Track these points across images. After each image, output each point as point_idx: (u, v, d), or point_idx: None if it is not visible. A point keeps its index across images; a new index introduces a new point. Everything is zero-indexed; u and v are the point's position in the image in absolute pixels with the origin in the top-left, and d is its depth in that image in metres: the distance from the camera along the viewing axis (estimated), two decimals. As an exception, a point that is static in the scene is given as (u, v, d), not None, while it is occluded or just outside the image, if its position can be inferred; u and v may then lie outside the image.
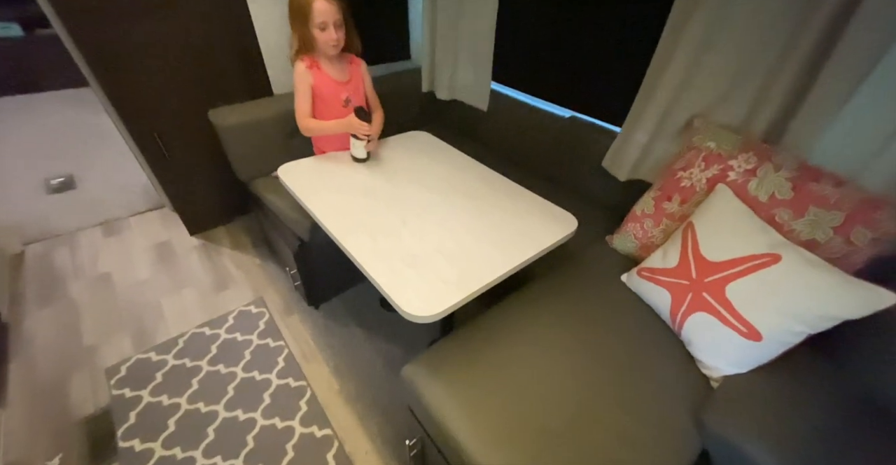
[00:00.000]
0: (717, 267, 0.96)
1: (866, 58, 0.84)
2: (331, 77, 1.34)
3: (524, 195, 1.25)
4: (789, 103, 1.00)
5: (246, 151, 1.61)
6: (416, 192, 1.24)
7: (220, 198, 2.04)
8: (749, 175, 1.01)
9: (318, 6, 1.16)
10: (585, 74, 1.52)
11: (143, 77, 1.56)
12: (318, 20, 1.19)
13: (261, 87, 1.74)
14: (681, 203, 1.15)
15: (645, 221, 1.25)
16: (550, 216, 1.16)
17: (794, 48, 0.93)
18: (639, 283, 1.16)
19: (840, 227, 0.89)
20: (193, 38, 1.58)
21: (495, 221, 1.12)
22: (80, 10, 1.36)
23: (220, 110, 1.55)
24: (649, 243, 1.25)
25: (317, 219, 1.11)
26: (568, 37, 1.51)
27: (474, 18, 1.68)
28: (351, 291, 1.84)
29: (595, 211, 1.52)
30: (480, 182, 1.31)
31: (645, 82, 1.25)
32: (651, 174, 1.36)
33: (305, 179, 1.26)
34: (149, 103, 1.62)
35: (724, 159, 1.06)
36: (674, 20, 1.11)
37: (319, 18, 1.19)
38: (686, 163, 1.14)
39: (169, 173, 1.83)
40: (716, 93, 1.12)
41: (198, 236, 2.10)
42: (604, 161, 1.47)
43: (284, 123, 1.66)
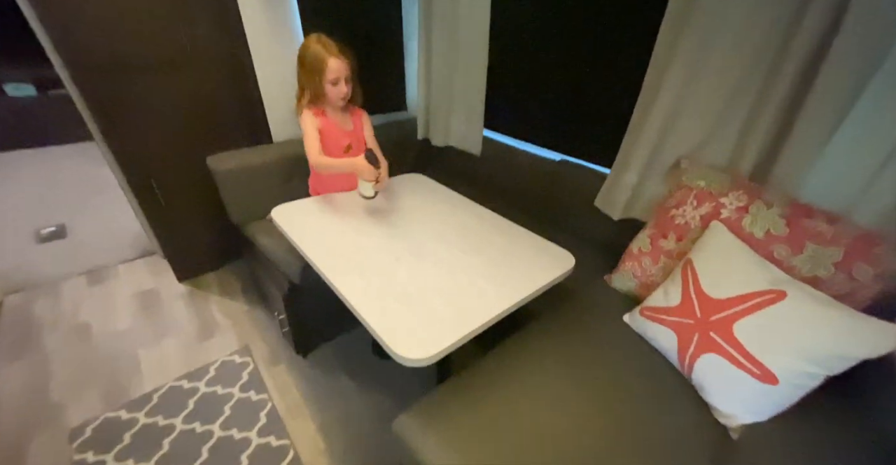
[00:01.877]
0: (721, 305, 0.92)
1: (841, 100, 0.88)
2: (335, 125, 1.40)
3: (519, 233, 1.24)
4: (772, 145, 1.04)
5: (241, 194, 1.62)
6: (411, 230, 1.23)
7: (212, 243, 2.02)
8: (742, 212, 1.02)
9: (332, 63, 1.24)
10: (573, 120, 1.60)
11: (144, 127, 1.61)
12: (332, 76, 1.26)
13: (261, 135, 1.80)
14: (677, 240, 1.15)
15: (643, 259, 1.24)
16: (547, 254, 1.14)
17: (770, 93, 0.99)
18: (642, 323, 1.12)
19: (840, 263, 0.88)
20: (197, 90, 1.66)
21: (491, 259, 1.10)
22: (90, 68, 1.43)
23: (218, 156, 1.58)
24: (649, 281, 1.22)
25: (308, 258, 1.09)
26: (555, 85, 1.61)
27: (467, 73, 1.80)
28: (342, 337, 1.75)
29: (591, 250, 1.51)
30: (475, 220, 1.31)
31: (630, 126, 1.31)
32: (644, 213, 1.37)
33: (298, 219, 1.25)
34: (148, 152, 1.65)
35: (716, 197, 1.07)
36: (654, 68, 1.18)
37: (332, 75, 1.26)
38: (678, 201, 1.15)
39: (163, 220, 1.82)
40: (699, 135, 1.17)
41: (186, 282, 2.05)
42: (596, 201, 1.49)
43: (282, 168, 1.69)
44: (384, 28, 1.97)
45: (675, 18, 1.08)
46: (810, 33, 0.88)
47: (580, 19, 1.42)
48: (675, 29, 1.09)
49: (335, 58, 1.24)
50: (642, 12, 1.23)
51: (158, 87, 1.58)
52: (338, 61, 1.24)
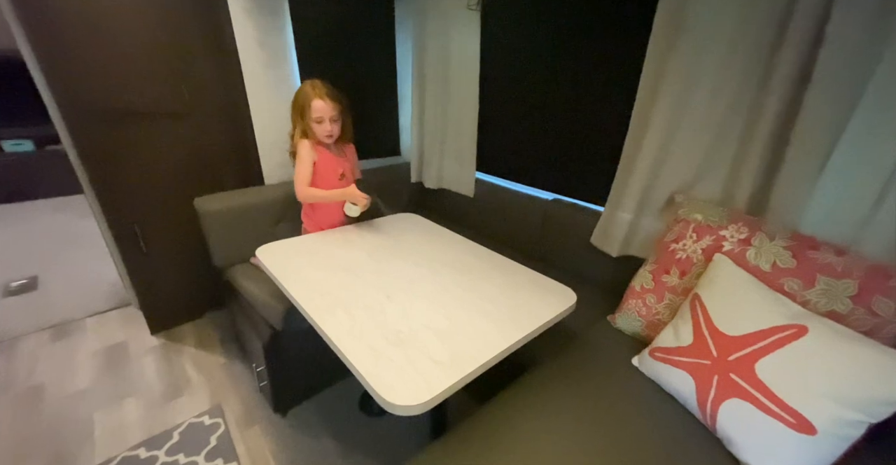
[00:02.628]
0: (738, 342, 0.85)
1: (827, 129, 0.90)
2: (331, 155, 1.47)
3: (517, 269, 1.19)
4: (764, 178, 1.04)
5: (227, 236, 1.56)
6: (402, 267, 1.17)
7: (192, 292, 1.91)
8: (744, 245, 0.99)
9: (316, 104, 1.33)
10: (564, 159, 1.63)
11: (134, 174, 1.59)
12: (316, 115, 1.35)
13: (253, 177, 1.80)
14: (680, 276, 1.10)
15: (646, 296, 1.18)
16: (546, 290, 1.08)
17: (756, 126, 1.02)
18: (653, 366, 1.03)
19: (857, 296, 0.83)
20: (193, 137, 1.68)
21: (488, 296, 1.03)
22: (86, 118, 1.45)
23: (205, 198, 1.55)
24: (655, 320, 1.15)
25: (289, 295, 1.01)
26: (545, 127, 1.66)
27: (458, 119, 1.87)
28: (326, 392, 1.59)
29: (591, 289, 1.45)
30: (470, 257, 1.26)
31: (621, 164, 1.33)
32: (642, 250, 1.34)
33: (283, 257, 1.19)
34: (135, 198, 1.62)
35: (716, 230, 1.05)
36: (640, 108, 1.23)
37: (317, 114, 1.34)
38: (677, 235, 1.13)
39: (142, 267, 1.73)
40: (691, 171, 1.18)
41: (160, 334, 1.90)
42: (592, 238, 1.46)
43: (272, 210, 1.66)
44: (380, 80, 2.08)
45: (656, 60, 1.15)
46: (790, 64, 0.93)
47: (567, 62, 1.50)
48: (656, 70, 1.15)
49: (320, 99, 1.33)
50: (625, 55, 1.30)
51: (154, 135, 1.60)
52: (322, 102, 1.33)
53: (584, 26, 1.41)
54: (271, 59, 1.66)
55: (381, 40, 1.99)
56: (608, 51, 1.36)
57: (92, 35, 1.38)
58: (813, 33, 0.89)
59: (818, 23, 0.87)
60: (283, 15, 1.64)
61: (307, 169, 1.38)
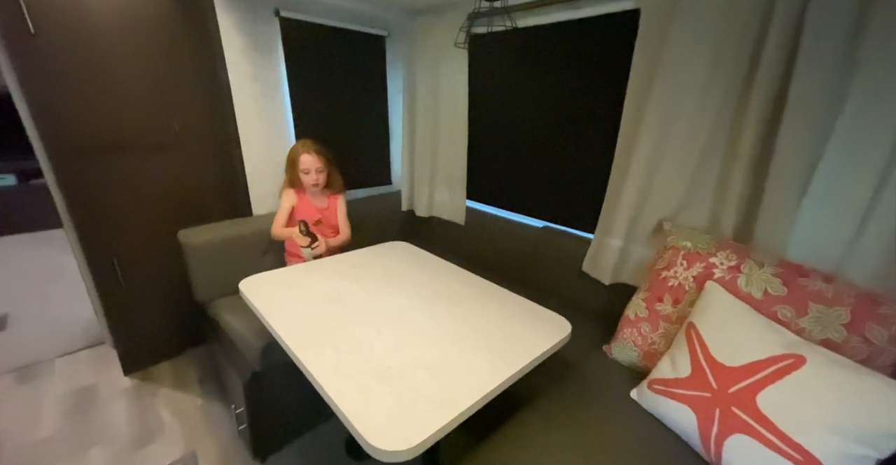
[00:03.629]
0: (737, 373, 0.83)
1: (803, 157, 0.93)
2: (310, 202, 1.66)
3: (509, 298, 1.16)
4: (747, 205, 1.07)
5: (211, 269, 1.52)
6: (393, 297, 1.13)
7: (172, 328, 1.82)
8: (735, 272, 0.99)
9: (304, 158, 1.57)
10: (553, 188, 1.66)
11: (117, 207, 1.56)
12: (303, 167, 1.58)
13: (241, 208, 1.78)
14: (674, 303, 1.09)
15: (641, 325, 1.16)
16: (541, 320, 1.05)
17: (735, 155, 1.05)
18: (653, 399, 0.99)
19: (850, 324, 0.83)
20: (180, 170, 1.66)
21: (481, 327, 1.00)
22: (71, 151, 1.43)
23: (190, 231, 1.52)
24: (651, 350, 1.12)
25: (271, 329, 0.96)
26: (534, 156, 1.70)
27: (449, 148, 1.91)
28: (310, 435, 1.49)
29: (584, 317, 1.43)
30: (462, 286, 1.23)
31: (608, 193, 1.35)
32: (634, 277, 1.33)
33: (268, 289, 1.15)
34: (116, 231, 1.58)
35: (705, 257, 1.05)
36: (623, 139, 1.27)
37: (304, 166, 1.58)
38: (668, 263, 1.13)
39: (119, 302, 1.65)
40: (676, 199, 1.20)
41: (134, 375, 1.79)
42: (584, 266, 1.46)
43: (259, 241, 1.63)
44: (371, 111, 2.12)
45: (636, 94, 1.20)
46: (762, 97, 0.97)
47: (553, 95, 1.56)
48: (637, 104, 1.20)
49: (307, 153, 1.57)
50: (608, 89, 1.36)
51: (140, 168, 1.58)
52: (308, 156, 1.56)
53: (568, 62, 1.48)
54: (263, 93, 1.69)
55: (372, 75, 2.06)
56: (592, 85, 1.43)
57: (82, 70, 1.39)
58: (783, 68, 0.94)
59: (787, 59, 0.93)
60: (276, 52, 1.69)
61: (284, 214, 1.61)
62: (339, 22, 1.82)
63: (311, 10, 1.72)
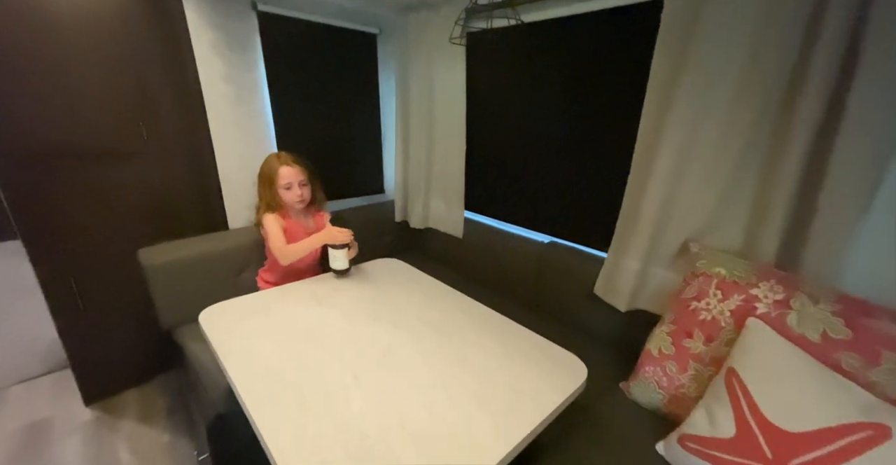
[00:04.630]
0: (799, 442, 0.67)
1: (868, 166, 0.78)
2: (298, 223, 1.43)
3: (513, 331, 1.01)
4: (794, 225, 0.90)
5: (178, 292, 1.35)
6: (379, 331, 0.97)
7: (140, 352, 1.65)
8: (782, 307, 0.83)
9: (283, 171, 1.34)
10: (560, 199, 1.49)
11: (76, 220, 1.39)
12: (283, 182, 1.34)
13: (216, 222, 1.62)
14: (706, 341, 0.93)
15: (666, 364, 1.00)
16: (552, 361, 0.90)
17: (777, 172, 0.89)
18: (685, 459, 0.83)
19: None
20: (148, 180, 1.50)
21: (481, 372, 0.84)
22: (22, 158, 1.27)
23: (153, 249, 1.35)
24: (679, 394, 0.96)
25: (228, 378, 0.80)
26: (537, 165, 1.54)
27: (445, 157, 1.76)
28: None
29: (595, 346, 1.28)
30: (459, 314, 1.08)
31: (624, 208, 1.20)
32: (653, 304, 1.17)
33: (232, 322, 0.99)
34: (73, 246, 1.41)
35: (744, 288, 0.89)
36: (641, 148, 1.11)
37: (284, 180, 1.34)
38: (697, 292, 0.97)
39: (78, 325, 1.49)
40: (703, 218, 1.04)
41: (95, 405, 1.61)
42: (596, 288, 1.30)
43: (235, 258, 1.47)
44: (362, 116, 1.97)
45: (657, 95, 1.04)
46: (816, 98, 0.81)
47: (561, 96, 1.40)
48: (658, 106, 1.05)
49: (286, 166, 1.34)
50: (624, 90, 1.21)
51: (102, 177, 1.41)
52: (289, 168, 1.34)
53: (578, 60, 1.32)
54: (238, 96, 1.53)
55: (362, 76, 1.91)
56: (606, 86, 1.27)
57: (34, 67, 1.23)
58: (840, 69, 0.78)
59: (846, 57, 0.77)
60: (253, 50, 1.53)
61: (280, 236, 1.32)
62: (326, 18, 1.67)
63: (293, 4, 1.56)
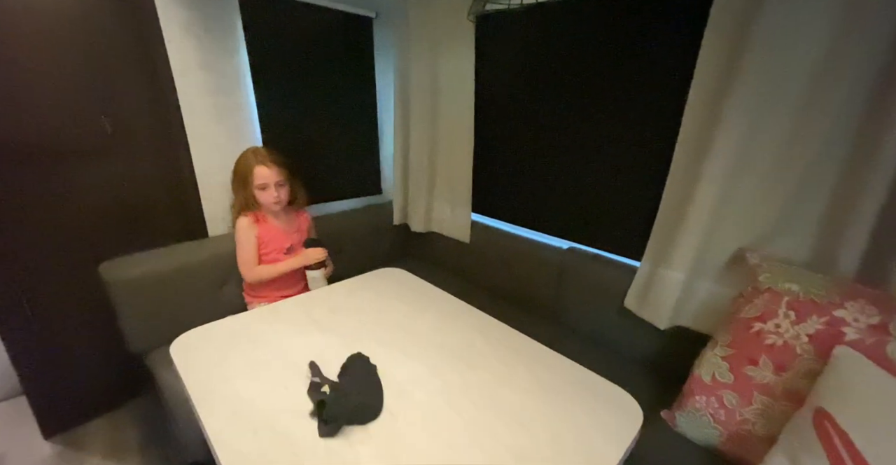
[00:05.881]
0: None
1: None
2: (276, 227, 1.33)
3: (545, 359, 0.86)
4: (877, 233, 0.77)
5: (148, 312, 1.18)
6: (387, 362, 0.81)
7: (107, 377, 1.45)
8: (880, 334, 0.69)
9: (258, 170, 1.24)
10: (582, 200, 1.33)
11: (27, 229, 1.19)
12: (259, 182, 1.25)
13: (193, 229, 1.43)
14: (776, 370, 0.79)
15: (723, 394, 0.85)
16: (597, 399, 0.75)
17: (862, 172, 0.75)
18: (764, 518, 0.69)
19: None
20: (115, 180, 1.31)
21: (517, 415, 0.69)
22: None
23: (117, 262, 1.16)
24: (743, 432, 0.82)
25: (205, 431, 0.63)
26: (556, 162, 1.38)
27: (450, 154, 1.60)
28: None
29: (625, 368, 1.15)
30: (481, 340, 0.92)
31: (661, 211, 1.05)
32: (699, 321, 1.03)
33: (211, 355, 0.82)
34: (25, 261, 1.21)
35: (826, 308, 0.75)
36: (684, 147, 0.97)
37: (259, 181, 1.25)
38: (762, 311, 0.82)
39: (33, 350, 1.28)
40: (764, 223, 0.90)
41: (56, 438, 1.42)
42: (627, 301, 1.16)
43: (215, 269, 1.30)
44: (357, 107, 1.79)
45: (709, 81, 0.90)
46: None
47: (585, 82, 1.23)
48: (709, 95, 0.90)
49: (262, 165, 1.25)
50: (664, 74, 1.05)
51: (60, 179, 1.21)
52: (265, 168, 1.25)
53: (610, 47, 1.16)
54: (218, 86, 1.34)
55: (357, 64, 1.73)
56: (643, 72, 1.11)
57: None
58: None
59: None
60: (234, 34, 1.34)
61: (250, 250, 1.26)
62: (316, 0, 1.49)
63: (279, -19, 1.38)
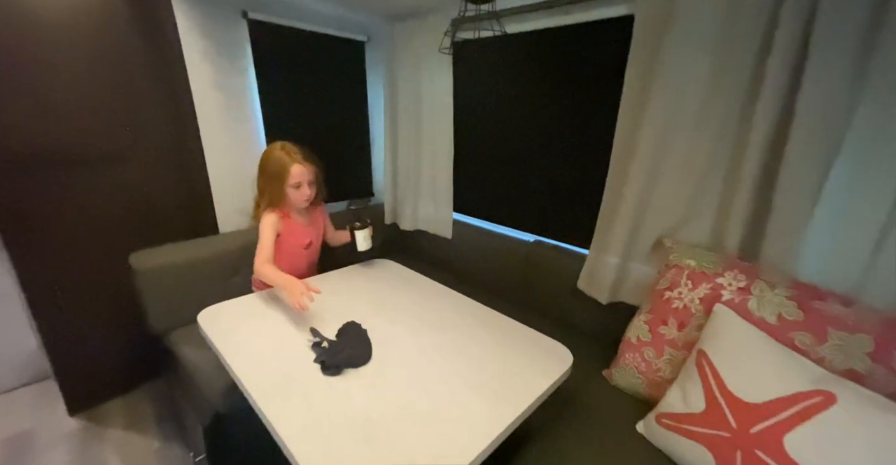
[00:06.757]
0: (759, 411, 0.75)
1: (814, 176, 0.88)
2: (299, 225, 1.39)
3: (503, 324, 1.07)
4: (754, 220, 1.00)
5: (169, 296, 1.36)
6: (376, 326, 1.01)
7: (125, 360, 1.63)
8: (744, 294, 0.92)
9: (294, 169, 1.26)
10: (543, 200, 1.57)
11: (60, 226, 1.38)
12: (294, 181, 1.27)
13: (206, 226, 1.62)
14: (679, 327, 1.01)
15: (644, 350, 1.08)
16: (540, 349, 0.97)
17: (740, 167, 0.99)
18: (662, 435, 0.91)
19: (875, 353, 0.76)
20: (136, 184, 1.50)
21: (475, 361, 0.90)
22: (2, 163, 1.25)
23: (144, 253, 1.35)
24: (657, 378, 1.04)
25: (232, 374, 0.83)
26: (522, 168, 1.62)
27: (433, 161, 1.82)
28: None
29: (580, 338, 1.34)
30: (452, 311, 1.13)
31: (603, 207, 1.28)
32: (633, 296, 1.26)
33: (231, 323, 1.02)
34: (57, 253, 1.39)
35: (711, 277, 0.98)
36: (617, 156, 1.20)
37: (295, 179, 1.27)
38: (671, 283, 1.05)
39: (62, 333, 1.46)
40: (676, 216, 1.14)
41: (80, 415, 1.58)
42: (579, 283, 1.38)
43: (225, 262, 1.48)
44: (351, 120, 2.01)
45: (632, 103, 1.13)
46: (769, 107, 0.91)
47: (542, 103, 1.48)
48: (632, 113, 1.14)
49: (298, 164, 1.27)
50: (601, 97, 1.29)
51: (88, 183, 1.40)
52: (300, 167, 1.27)
53: (559, 69, 1.41)
54: (230, 101, 1.56)
55: (351, 82, 1.95)
56: (585, 94, 1.36)
57: (17, 71, 1.22)
58: (789, 79, 0.88)
59: (795, 68, 0.87)
60: (244, 57, 1.56)
61: (269, 245, 1.26)
62: (315, 26, 1.72)
63: (283, 13, 1.60)
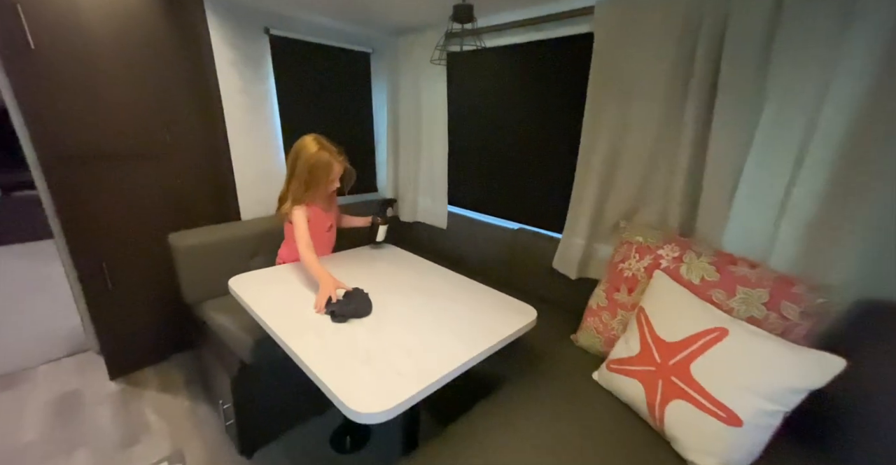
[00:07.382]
0: (675, 347, 0.95)
1: (730, 169, 1.09)
2: (321, 210, 1.51)
3: (483, 291, 1.27)
4: (689, 205, 1.21)
5: (200, 271, 1.58)
6: (375, 293, 1.21)
7: (159, 332, 1.86)
8: (678, 262, 1.12)
9: (337, 167, 1.41)
10: (526, 193, 1.81)
11: (107, 213, 1.62)
12: (334, 176, 1.43)
13: (229, 213, 1.85)
14: (629, 292, 1.21)
15: (602, 313, 1.27)
16: (510, 308, 1.17)
17: (675, 167, 1.20)
18: (610, 378, 1.10)
19: (769, 303, 0.95)
20: (170, 177, 1.74)
21: (456, 315, 1.10)
22: (62, 160, 1.48)
23: (181, 234, 1.58)
24: (612, 336, 1.24)
25: (261, 321, 1.04)
26: (508, 165, 1.86)
27: (430, 159, 2.04)
28: (295, 431, 1.54)
29: (555, 311, 1.54)
30: (441, 282, 1.34)
31: (573, 198, 1.49)
32: (598, 272, 1.46)
33: (256, 287, 1.23)
34: (105, 236, 1.63)
35: (654, 250, 1.18)
36: (583, 153, 1.41)
37: (335, 175, 1.43)
38: (623, 256, 1.25)
39: (106, 307, 1.69)
40: (630, 203, 1.35)
41: (119, 380, 1.81)
42: (554, 262, 1.58)
43: (247, 244, 1.70)
44: (357, 123, 2.25)
45: (594, 106, 1.35)
46: (694, 111, 1.13)
47: (523, 108, 1.72)
48: (594, 116, 1.35)
49: (339, 163, 1.41)
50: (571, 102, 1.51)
51: (131, 175, 1.64)
52: (340, 165, 1.42)
53: (534, 78, 1.63)
54: (252, 105, 1.79)
55: (358, 89, 2.19)
56: (556, 99, 1.58)
57: (77, 82, 1.46)
58: (709, 89, 1.09)
59: (713, 76, 1.08)
60: (265, 67, 1.80)
61: (307, 232, 1.35)
62: (327, 40, 1.95)
63: (299, 28, 1.84)
